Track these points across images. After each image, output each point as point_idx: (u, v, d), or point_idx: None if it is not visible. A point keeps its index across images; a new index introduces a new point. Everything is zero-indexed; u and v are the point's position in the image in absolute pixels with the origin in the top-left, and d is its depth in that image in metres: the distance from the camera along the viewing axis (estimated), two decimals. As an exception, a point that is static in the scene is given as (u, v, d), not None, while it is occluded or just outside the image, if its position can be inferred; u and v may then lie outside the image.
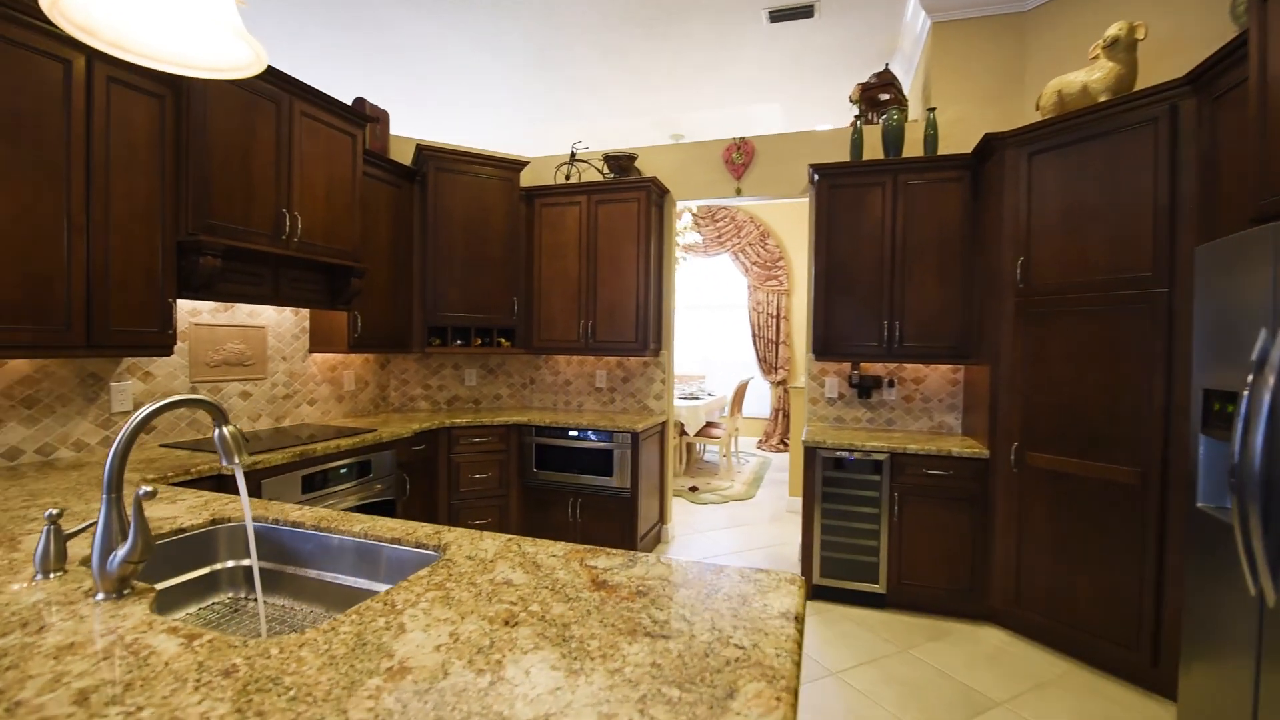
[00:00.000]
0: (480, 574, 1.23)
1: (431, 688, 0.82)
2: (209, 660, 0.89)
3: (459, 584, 1.17)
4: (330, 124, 2.99)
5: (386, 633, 0.97)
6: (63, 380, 2.33)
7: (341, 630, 0.98)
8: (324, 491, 2.69)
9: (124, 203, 2.23)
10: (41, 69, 1.99)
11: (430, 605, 1.08)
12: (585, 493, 3.65)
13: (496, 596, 1.12)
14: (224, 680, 0.84)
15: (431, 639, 0.95)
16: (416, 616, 1.03)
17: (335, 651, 0.91)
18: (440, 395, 4.19)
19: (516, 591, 1.14)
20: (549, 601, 1.10)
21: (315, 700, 0.79)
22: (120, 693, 0.80)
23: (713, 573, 1.24)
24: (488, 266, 3.88)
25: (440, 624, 1.00)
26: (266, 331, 3.15)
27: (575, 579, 1.20)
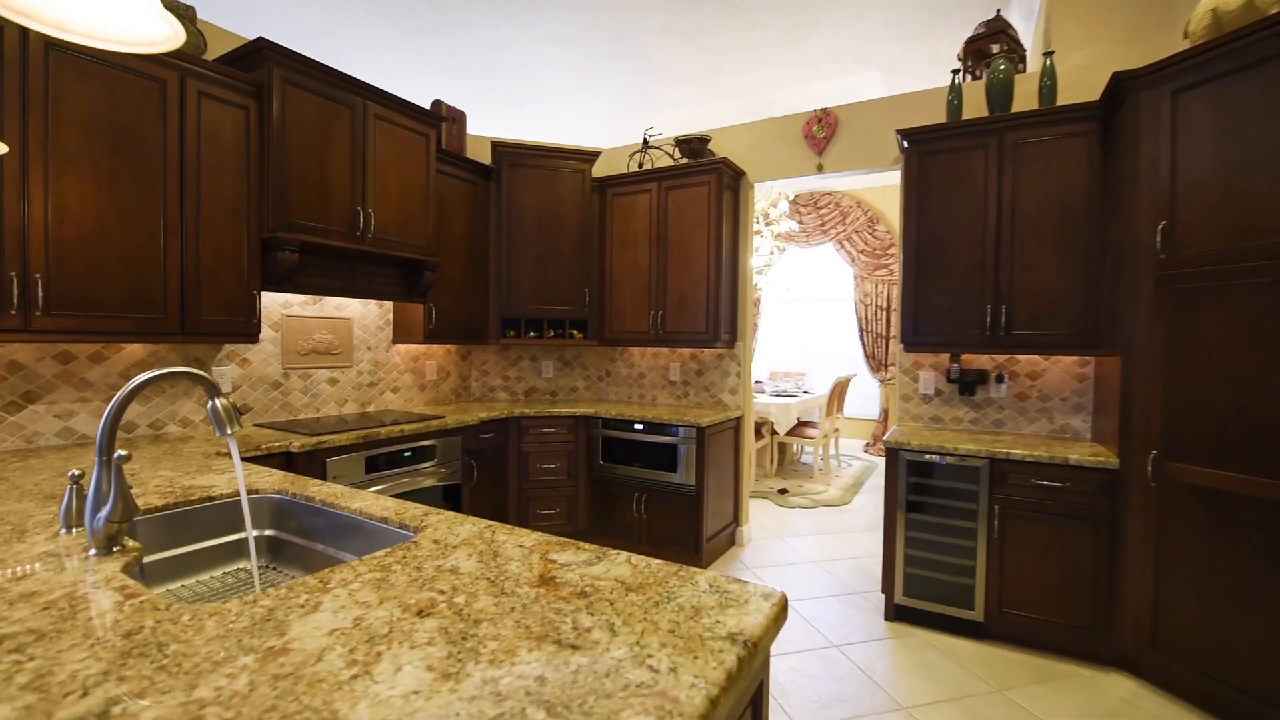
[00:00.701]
0: (433, 559, 1.16)
1: (293, 674, 0.75)
2: (125, 620, 0.89)
3: (405, 567, 1.12)
4: (403, 125, 3.14)
5: (298, 611, 0.93)
6: (172, 364, 2.65)
7: (261, 603, 0.96)
8: (387, 473, 2.82)
9: (213, 204, 2.48)
10: (140, 89, 2.25)
11: (360, 587, 1.02)
12: (650, 488, 3.54)
13: (430, 584, 1.04)
14: (121, 641, 0.83)
15: (333, 622, 0.89)
16: (339, 597, 0.98)
17: (237, 625, 0.89)
18: (518, 386, 4.28)
19: (454, 580, 1.06)
20: (479, 594, 1.00)
21: (177, 672, 0.76)
22: (30, 641, 0.82)
23: (679, 578, 1.07)
24: (560, 259, 3.90)
25: (353, 608, 0.94)
26: (352, 323, 3.39)
27: (526, 572, 1.10)
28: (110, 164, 2.19)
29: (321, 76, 2.74)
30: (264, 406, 2.99)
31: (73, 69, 2.08)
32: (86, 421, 2.40)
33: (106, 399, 2.45)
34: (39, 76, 2.00)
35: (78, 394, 2.37)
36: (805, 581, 3.34)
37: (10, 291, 1.96)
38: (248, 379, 2.92)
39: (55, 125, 2.05)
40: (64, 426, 2.34)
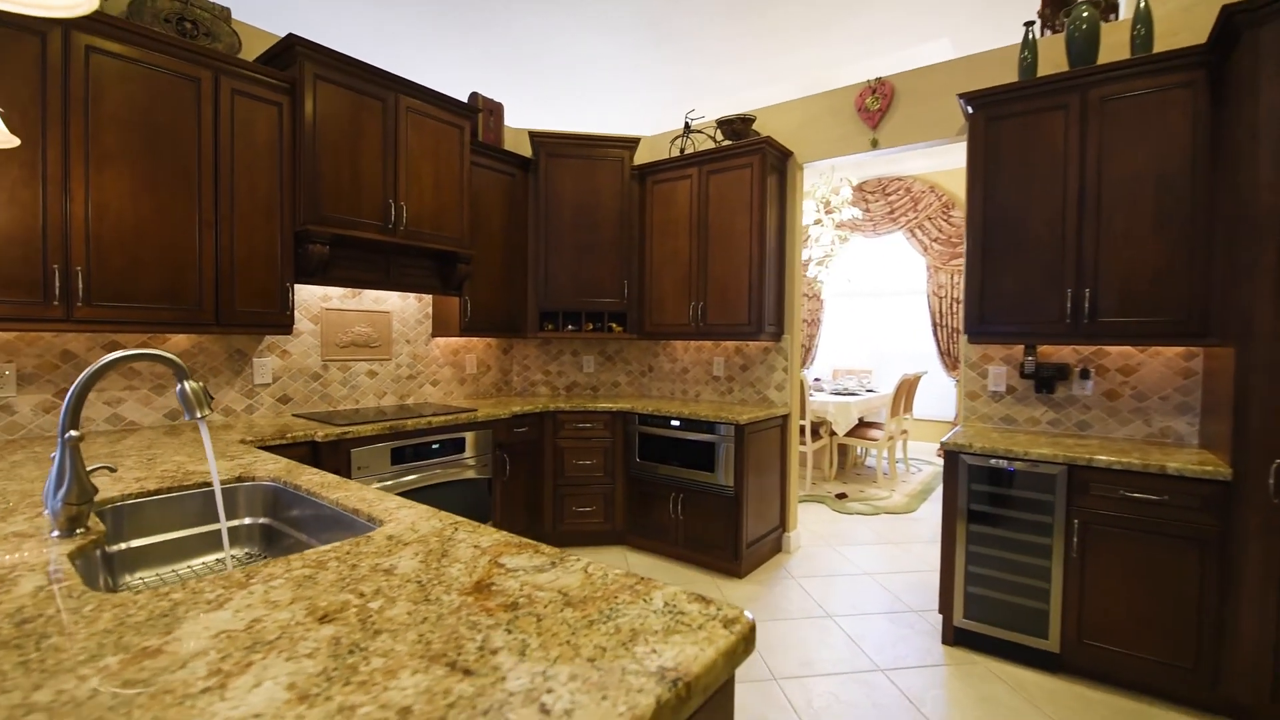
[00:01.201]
0: (376, 556, 1.06)
1: (146, 680, 0.67)
2: (31, 606, 0.85)
3: (341, 564, 1.02)
4: (436, 117, 3.13)
5: (203, 607, 0.85)
6: (214, 355, 2.75)
7: (171, 596, 0.89)
8: (413, 465, 2.81)
9: (247, 199, 2.54)
10: (176, 88, 2.33)
11: (283, 584, 0.94)
12: (687, 488, 3.36)
13: (355, 585, 0.94)
14: (11, 629, 0.78)
15: (228, 623, 0.81)
16: (253, 594, 0.90)
17: (134, 618, 0.82)
18: (559, 381, 4.22)
19: (383, 582, 0.95)
20: (399, 600, 0.89)
21: (36, 669, 0.69)
22: None
23: (633, 592, 0.92)
24: (598, 250, 3.80)
25: (260, 607, 0.85)
26: (391, 316, 3.43)
27: (464, 577, 0.98)
28: (147, 161, 2.27)
29: (352, 71, 2.76)
30: (304, 397, 3.06)
31: (112, 70, 2.17)
32: (134, 409, 2.52)
33: (153, 388, 2.56)
34: (79, 78, 2.10)
35: (126, 383, 2.49)
36: (855, 595, 3.06)
37: (53, 284, 2.06)
38: (288, 370, 3.00)
39: (95, 124, 2.14)
40: (113, 413, 2.46)
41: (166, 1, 2.36)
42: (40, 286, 2.04)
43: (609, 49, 4.32)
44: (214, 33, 2.49)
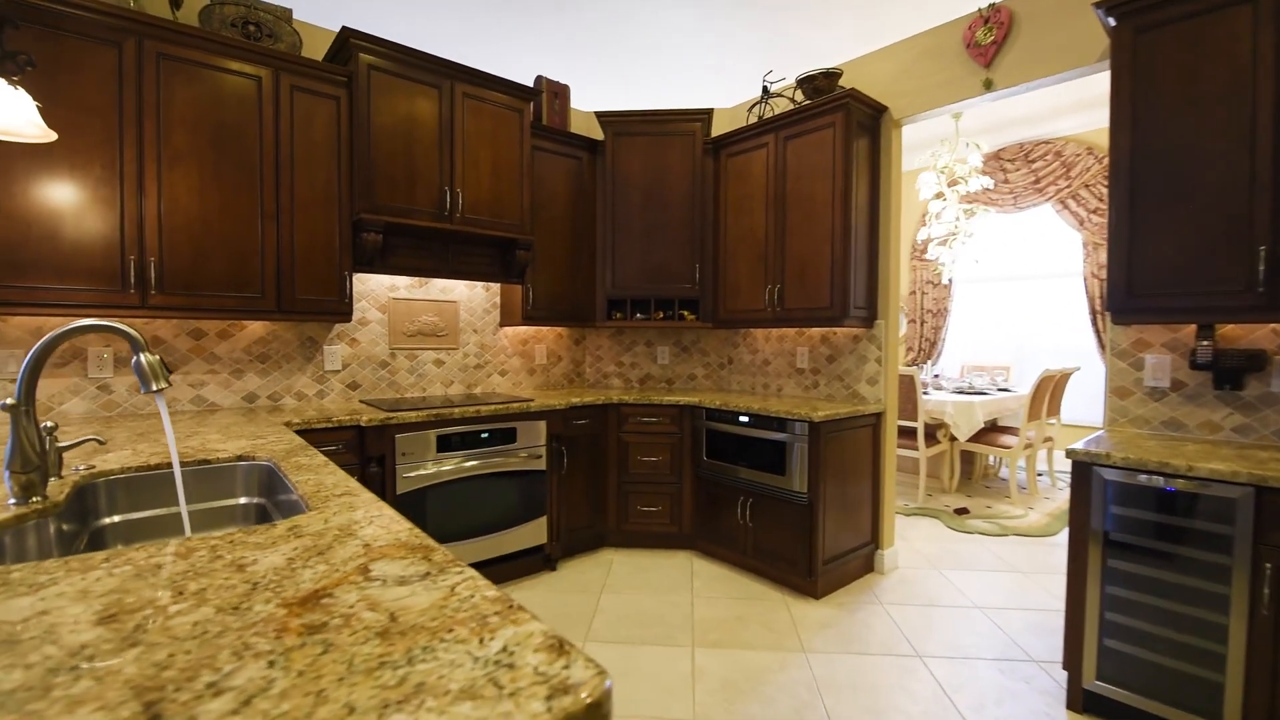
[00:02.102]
0: (252, 548, 0.93)
1: None
2: None
3: (210, 554, 0.90)
4: (494, 102, 3.07)
5: (3, 594, 0.75)
6: (287, 342, 2.90)
7: (-4, 579, 0.80)
8: (459, 453, 2.76)
9: (306, 191, 2.64)
10: (239, 87, 2.46)
11: (120, 574, 0.82)
12: (755, 491, 3.01)
13: (187, 581, 0.80)
14: None
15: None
16: (72, 584, 0.79)
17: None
18: (633, 373, 4.03)
19: (221, 580, 0.80)
20: (208, 604, 0.73)
21: None
22: None
23: (475, 628, 0.69)
24: (668, 232, 3.55)
25: (55, 600, 0.74)
26: (458, 306, 3.44)
27: (309, 582, 0.80)
28: (213, 158, 2.41)
29: (407, 60, 2.78)
30: (371, 384, 3.15)
31: (181, 74, 2.33)
32: (215, 391, 2.71)
33: (232, 372, 2.75)
34: (151, 83, 2.27)
35: (208, 366, 2.69)
36: (958, 632, 2.53)
37: (129, 274, 2.25)
38: (356, 358, 3.10)
39: (166, 126, 2.31)
40: (196, 395, 2.67)
41: (232, 8, 2.51)
42: (119, 276, 2.23)
43: (688, 20, 4.03)
44: (276, 33, 2.61)
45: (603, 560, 3.28)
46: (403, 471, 2.59)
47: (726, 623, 2.59)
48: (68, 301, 2.15)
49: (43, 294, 2.11)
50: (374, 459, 2.53)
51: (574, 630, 2.51)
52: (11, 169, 2.04)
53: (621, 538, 3.46)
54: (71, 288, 2.15)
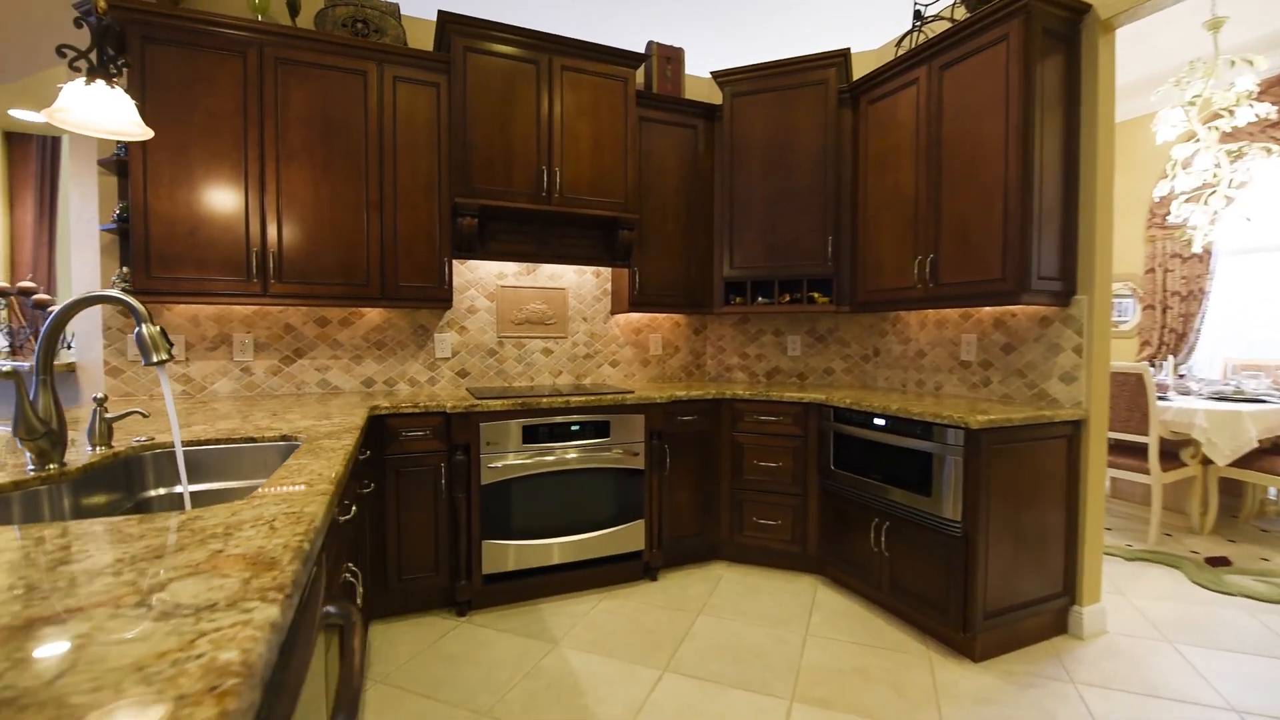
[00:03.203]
0: (106, 543, 0.78)
1: None
2: None
3: (56, 541, 0.76)
4: (595, 72, 2.87)
5: None
6: (401, 329, 2.99)
7: None
8: (546, 445, 2.60)
9: (408, 179, 2.67)
10: (346, 83, 2.55)
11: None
12: (893, 513, 2.41)
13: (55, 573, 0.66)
14: None
15: None
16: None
17: None
18: (759, 366, 3.57)
19: (61, 581, 0.65)
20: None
21: None
22: None
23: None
24: (794, 201, 3.05)
25: None
26: (567, 293, 3.32)
27: (41, 609, 0.61)
28: (323, 152, 2.53)
29: (502, 38, 2.69)
30: (480, 372, 3.15)
31: (296, 75, 2.47)
32: (337, 375, 2.88)
33: (352, 358, 2.90)
34: (271, 86, 2.43)
35: (331, 352, 2.87)
36: (1199, 744, 1.72)
37: (252, 264, 2.43)
38: (465, 345, 3.11)
39: (283, 125, 2.46)
40: (321, 379, 2.86)
41: (343, 8, 2.61)
42: (244, 267, 2.43)
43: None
44: (382, 28, 2.68)
45: (711, 575, 2.91)
46: (487, 461, 2.50)
47: (842, 675, 2.07)
48: (206, 290, 2.38)
49: (185, 284, 2.35)
50: (460, 447, 2.47)
51: (654, 655, 2.19)
52: (158, 173, 2.30)
53: (735, 551, 3.05)
54: (208, 277, 2.38)
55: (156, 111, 2.28)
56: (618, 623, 2.44)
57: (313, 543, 0.79)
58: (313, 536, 0.80)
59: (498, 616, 2.50)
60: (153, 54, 2.28)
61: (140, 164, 2.28)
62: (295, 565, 0.69)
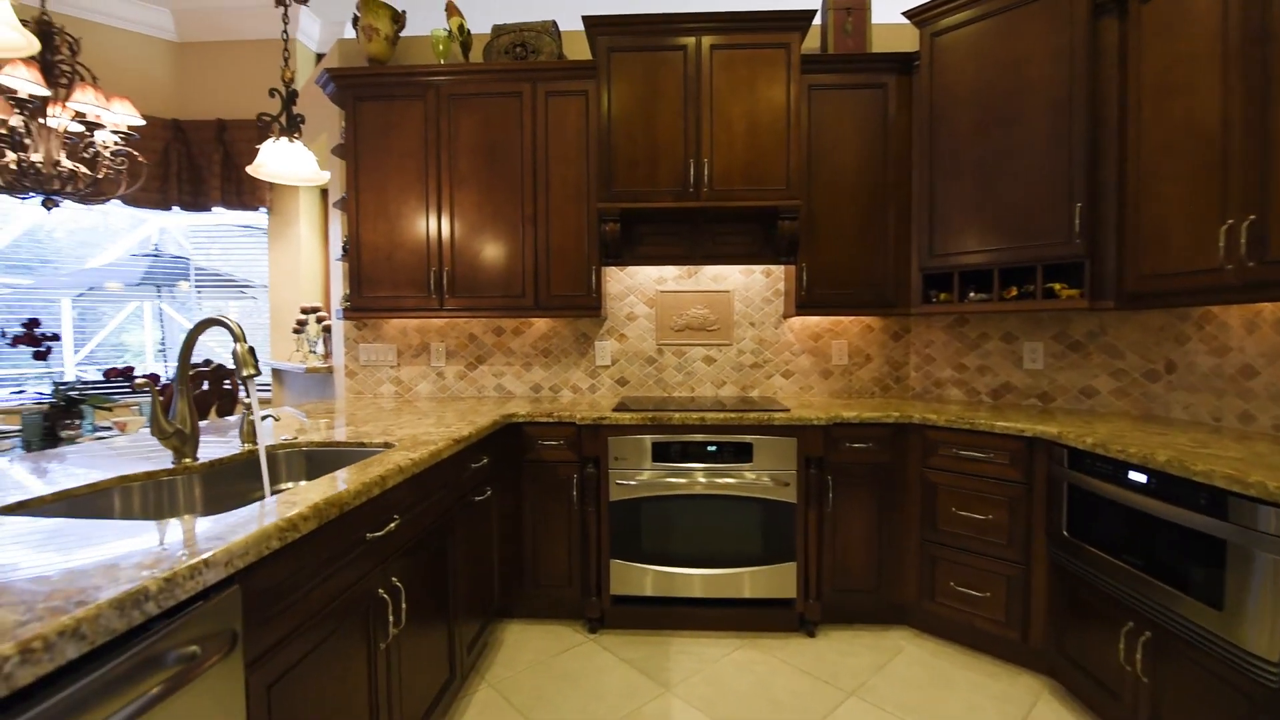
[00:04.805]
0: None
1: None
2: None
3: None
4: (749, 44, 2.53)
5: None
6: (565, 338, 3.07)
7: None
8: (679, 466, 2.36)
9: (559, 190, 2.71)
10: (505, 107, 2.70)
11: None
12: (1157, 620, 1.56)
13: None
14: None
15: None
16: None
17: None
18: (981, 381, 2.74)
19: None
20: None
21: None
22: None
23: None
24: (1020, 159, 2.24)
25: None
26: (732, 296, 3.01)
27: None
28: (487, 174, 2.73)
29: (644, 29, 2.54)
30: (639, 381, 3.06)
31: (464, 107, 2.71)
32: (511, 381, 3.09)
33: (523, 364, 3.08)
34: (445, 121, 2.71)
35: (505, 359, 3.09)
36: None
37: (430, 281, 2.75)
38: (624, 354, 3.06)
39: (453, 154, 2.72)
40: (497, 383, 3.10)
41: (506, 37, 2.77)
42: (425, 285, 2.75)
43: None
44: (538, 48, 2.76)
45: (887, 644, 2.32)
46: (615, 477, 2.38)
47: None
48: (398, 306, 2.77)
49: (384, 301, 2.77)
50: (590, 459, 2.41)
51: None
52: (366, 208, 2.75)
53: (925, 619, 2.39)
54: (400, 295, 2.76)
55: (365, 156, 2.73)
56: (744, 682, 2.09)
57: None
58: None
59: (624, 641, 2.37)
60: (362, 110, 2.73)
61: (354, 202, 2.76)
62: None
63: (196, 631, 0.83)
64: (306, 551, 1.10)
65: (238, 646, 0.90)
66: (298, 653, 1.07)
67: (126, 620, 0.72)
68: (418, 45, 3.07)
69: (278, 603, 1.02)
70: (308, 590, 1.11)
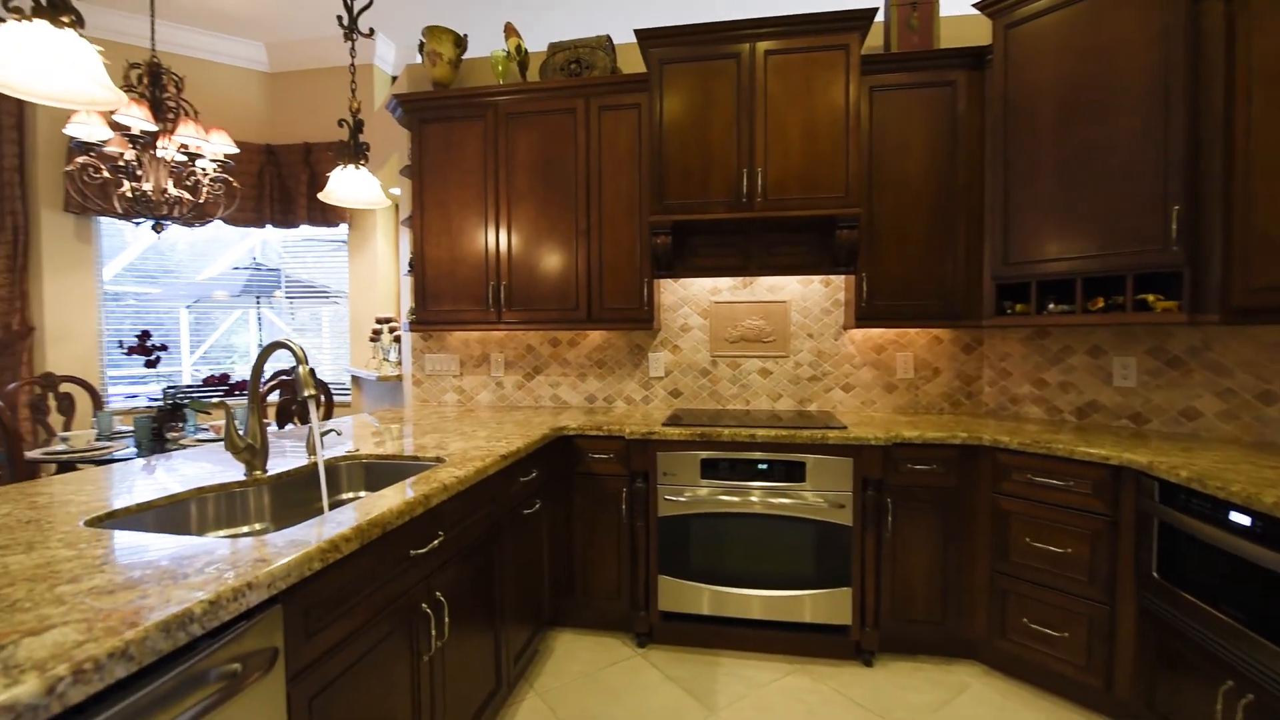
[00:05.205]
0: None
1: None
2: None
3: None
4: (805, 47, 2.45)
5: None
6: (619, 349, 3.09)
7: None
8: (729, 483, 2.32)
9: (612, 204, 2.73)
10: (559, 124, 2.75)
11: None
12: (1261, 681, 1.37)
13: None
14: (80, 532, 1.15)
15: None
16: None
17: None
18: (1064, 399, 2.52)
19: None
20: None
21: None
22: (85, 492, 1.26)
23: None
24: (1105, 160, 2.04)
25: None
26: (788, 306, 2.92)
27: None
28: (542, 190, 2.78)
29: (696, 39, 2.51)
30: (693, 393, 3.03)
31: (521, 125, 2.78)
32: (566, 391, 3.14)
33: (578, 375, 3.12)
34: (504, 140, 2.79)
35: (561, 370, 3.14)
36: None
37: (488, 295, 2.83)
38: (678, 365, 3.03)
39: (511, 172, 2.80)
40: (553, 394, 3.15)
41: (562, 54, 2.82)
42: (484, 298, 2.85)
43: None
44: (592, 63, 2.79)
45: (951, 679, 2.17)
46: (664, 493, 2.37)
47: None
48: (459, 319, 2.88)
49: (446, 314, 2.89)
50: (639, 474, 2.41)
51: (817, 771, 1.73)
52: (431, 226, 2.87)
53: (996, 656, 2.22)
54: (460, 308, 2.87)
55: (428, 175, 2.86)
56: (794, 711, 2.02)
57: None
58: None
59: (672, 658, 2.35)
60: (426, 132, 2.86)
61: (419, 219, 2.89)
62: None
63: (238, 649, 0.89)
64: (349, 569, 1.16)
65: (278, 662, 0.96)
66: (340, 666, 1.13)
67: (172, 641, 0.78)
68: (479, 67, 3.18)
69: (321, 619, 1.08)
70: (351, 606, 1.16)
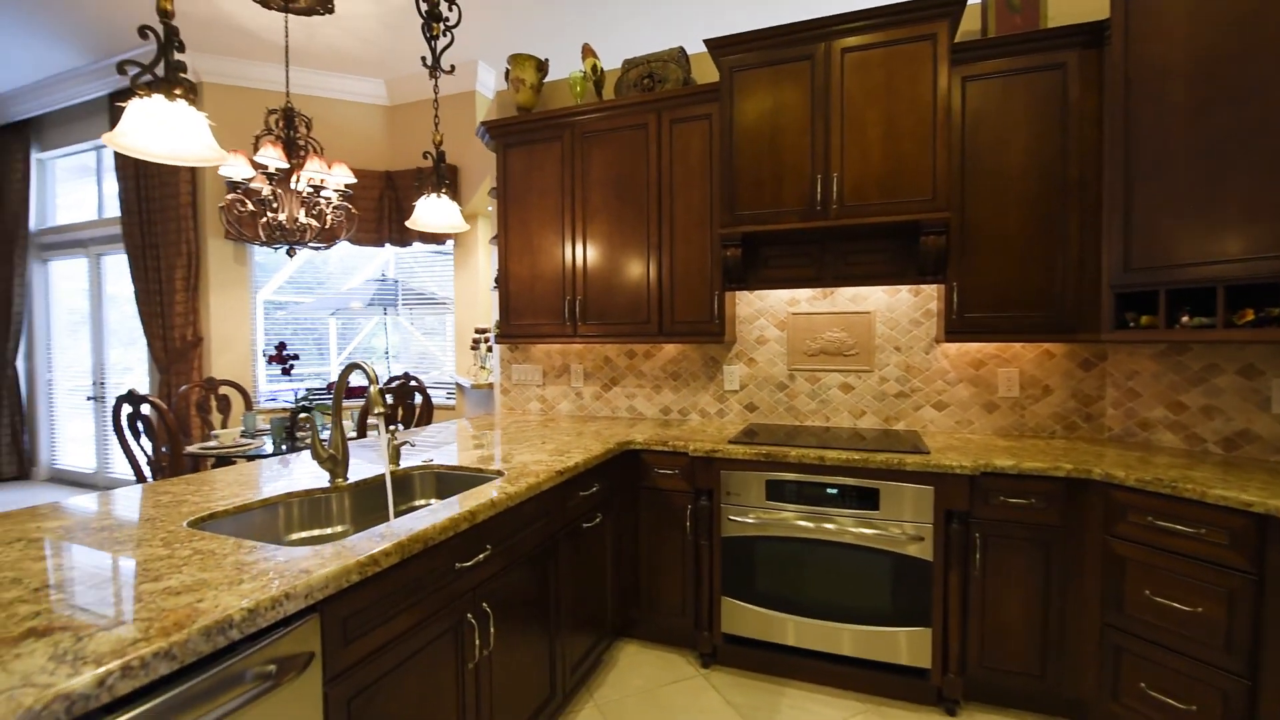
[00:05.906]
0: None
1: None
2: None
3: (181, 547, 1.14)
4: (886, 41, 2.28)
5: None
6: (694, 362, 3.06)
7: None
8: (795, 508, 2.21)
9: (683, 216, 2.72)
10: (632, 140, 2.78)
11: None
12: None
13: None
14: (180, 532, 1.38)
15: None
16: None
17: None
18: (1207, 426, 2.13)
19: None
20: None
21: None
22: (185, 491, 1.50)
23: None
24: (1256, 145, 1.70)
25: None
26: (872, 318, 2.73)
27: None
28: (616, 205, 2.83)
29: (767, 43, 2.43)
30: (769, 407, 2.93)
31: (596, 143, 2.84)
32: (641, 403, 3.16)
33: (654, 386, 3.14)
34: (580, 159, 2.87)
35: (636, 381, 3.17)
36: None
37: (565, 310, 2.93)
38: (754, 378, 2.95)
39: (586, 189, 2.87)
40: (629, 405, 3.19)
41: (635, 70, 2.84)
42: (560, 313, 2.95)
43: None
44: (664, 76, 2.78)
45: (1051, 743, 1.92)
46: (728, 513, 2.31)
47: None
48: (538, 333, 3.00)
49: (526, 328, 3.03)
50: (704, 491, 2.37)
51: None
52: (513, 244, 3.02)
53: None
54: (539, 322, 3.00)
55: (511, 196, 3.01)
56: (857, 754, 1.89)
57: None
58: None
59: (735, 682, 2.29)
60: (509, 155, 3.01)
61: (503, 238, 3.05)
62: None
63: (274, 653, 1.00)
64: (390, 581, 1.26)
65: (312, 666, 1.06)
66: (381, 669, 1.23)
67: (212, 644, 0.89)
68: (559, 89, 3.30)
69: (360, 626, 1.18)
70: (391, 615, 1.26)
